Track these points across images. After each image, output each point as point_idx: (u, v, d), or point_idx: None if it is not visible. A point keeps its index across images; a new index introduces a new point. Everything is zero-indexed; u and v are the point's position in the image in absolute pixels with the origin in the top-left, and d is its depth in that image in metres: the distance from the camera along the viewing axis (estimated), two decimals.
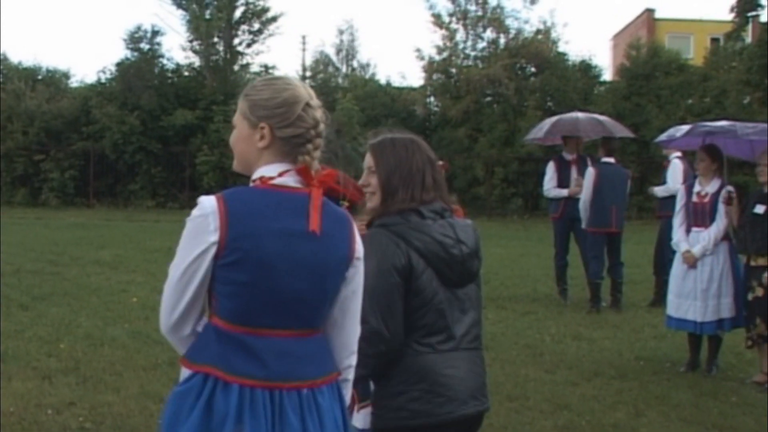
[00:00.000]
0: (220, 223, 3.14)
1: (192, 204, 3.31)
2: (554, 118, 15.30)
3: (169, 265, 3.26)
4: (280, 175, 3.26)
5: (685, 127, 10.34)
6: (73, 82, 41.99)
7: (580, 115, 15.39)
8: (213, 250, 3.15)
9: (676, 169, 13.20)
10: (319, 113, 3.35)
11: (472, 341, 4.04)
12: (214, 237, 3.14)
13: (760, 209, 9.11)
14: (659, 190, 13.55)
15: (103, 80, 39.31)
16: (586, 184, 13.42)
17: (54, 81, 40.54)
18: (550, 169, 14.24)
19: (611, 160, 13.50)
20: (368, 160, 4.11)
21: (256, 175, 3.31)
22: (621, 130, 14.97)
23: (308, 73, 47.97)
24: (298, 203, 3.24)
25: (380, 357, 3.79)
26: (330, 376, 3.37)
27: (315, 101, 3.36)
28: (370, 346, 3.69)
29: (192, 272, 3.19)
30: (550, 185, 14.19)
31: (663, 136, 11.01)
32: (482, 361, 4.14)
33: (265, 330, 3.21)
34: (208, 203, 3.18)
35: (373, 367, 3.83)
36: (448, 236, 3.95)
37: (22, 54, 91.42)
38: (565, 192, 13.92)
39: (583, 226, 13.58)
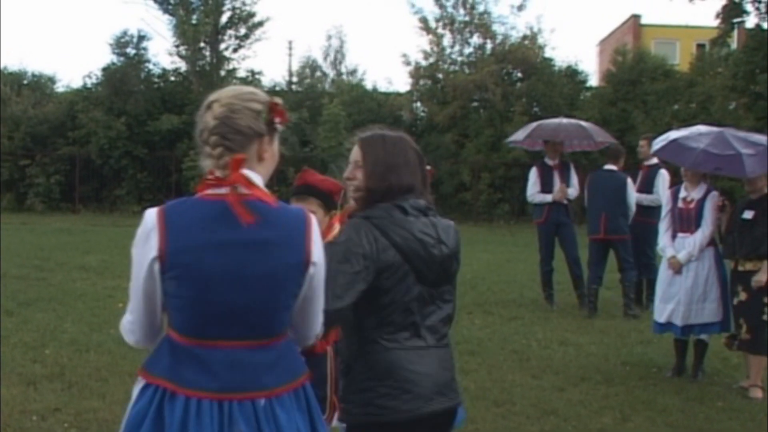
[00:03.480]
0: (159, 237, 3.12)
1: None
2: (537, 122, 15.38)
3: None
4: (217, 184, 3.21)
5: (698, 145, 9.89)
6: (59, 87, 42.01)
7: (563, 120, 15.46)
8: (156, 265, 3.14)
9: (664, 180, 13.28)
10: (209, 115, 3.27)
11: (441, 339, 4.04)
12: (155, 252, 3.13)
13: (748, 215, 9.15)
14: (646, 200, 13.54)
15: (89, 85, 39.20)
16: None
17: (40, 86, 40.47)
18: (533, 175, 14.29)
19: (613, 167, 13.51)
20: (355, 154, 4.08)
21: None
22: (603, 135, 15.09)
23: (294, 79, 47.95)
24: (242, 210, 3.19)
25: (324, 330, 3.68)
26: (294, 383, 3.32)
27: (218, 104, 3.27)
28: (330, 323, 3.70)
29: (143, 286, 3.21)
30: (533, 190, 14.24)
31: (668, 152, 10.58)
32: (451, 358, 4.13)
33: (216, 341, 3.18)
34: (149, 217, 3.17)
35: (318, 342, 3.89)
36: (429, 235, 3.94)
37: (8, 59, 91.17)
38: (549, 197, 13.98)
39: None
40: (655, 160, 13.44)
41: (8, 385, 8.53)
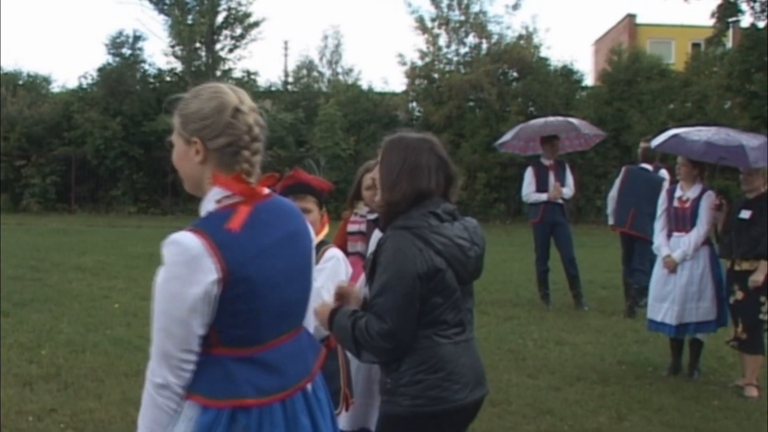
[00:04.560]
0: (217, 258, 2.99)
1: (174, 210, 3.27)
2: (522, 124, 15.45)
3: (154, 329, 3.08)
4: (236, 192, 3.15)
5: (700, 137, 9.89)
6: (55, 88, 41.87)
7: (549, 118, 15.51)
8: (216, 289, 3.00)
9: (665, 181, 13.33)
10: (252, 117, 3.20)
11: (473, 331, 4.31)
12: (215, 275, 2.99)
13: (745, 214, 9.16)
14: None
15: (84, 85, 39.13)
16: (616, 182, 13.84)
17: (35, 86, 40.38)
18: (529, 175, 14.29)
19: (648, 166, 13.50)
20: (379, 156, 4.26)
21: (211, 196, 3.18)
22: (591, 129, 15.17)
23: (290, 79, 47.91)
24: (272, 210, 3.24)
25: (390, 353, 4.00)
26: (319, 360, 3.43)
27: (247, 105, 3.21)
28: (383, 341, 3.94)
29: (192, 317, 3.02)
30: (529, 190, 14.25)
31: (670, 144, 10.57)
32: (478, 349, 4.40)
33: (274, 342, 3.20)
34: (192, 243, 3.00)
35: (384, 359, 4.08)
36: (465, 239, 4.16)
37: (3, 59, 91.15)
38: (544, 196, 13.98)
39: (609, 222, 14.07)
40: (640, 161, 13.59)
41: (4, 386, 8.53)
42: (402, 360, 4.05)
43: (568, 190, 14.21)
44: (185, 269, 2.98)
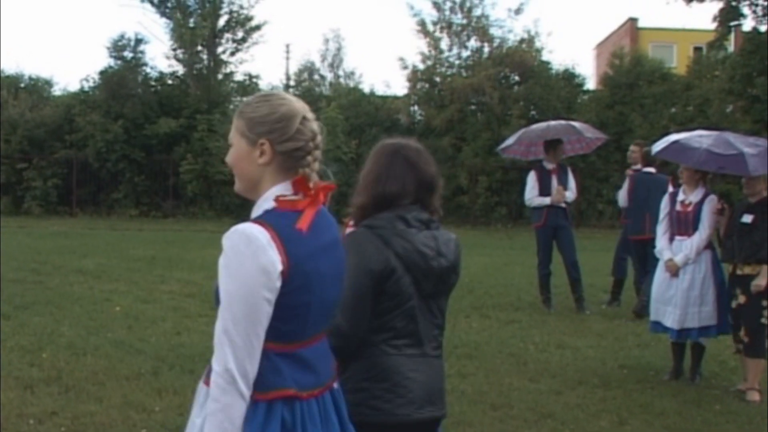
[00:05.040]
0: (279, 251, 3.10)
1: (175, 213, 3.29)
2: (524, 128, 15.45)
3: (223, 311, 3.11)
4: (295, 192, 3.28)
5: (701, 145, 9.86)
6: (56, 90, 41.91)
7: (551, 122, 15.51)
8: (279, 281, 3.10)
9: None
10: (315, 125, 3.36)
11: (436, 348, 4.14)
12: (280, 266, 3.10)
13: (747, 218, 9.15)
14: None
15: (86, 88, 39.16)
16: (622, 192, 13.91)
17: (37, 89, 40.40)
18: (531, 179, 14.28)
19: (651, 169, 13.51)
20: None
21: (270, 195, 3.28)
22: (593, 132, 15.18)
23: (292, 82, 47.94)
24: (322, 215, 3.36)
25: (339, 352, 3.78)
26: (335, 361, 3.55)
27: (310, 114, 3.37)
28: (332, 338, 3.72)
29: (262, 307, 3.10)
30: (532, 194, 14.23)
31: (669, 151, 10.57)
32: (442, 369, 4.24)
33: (312, 339, 3.31)
34: (260, 233, 3.10)
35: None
36: (430, 247, 4.03)
37: (5, 62, 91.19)
38: (547, 200, 13.98)
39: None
40: (641, 166, 13.62)
41: (5, 389, 8.52)
42: (348, 365, 3.95)
43: (571, 194, 14.20)
44: (258, 258, 3.08)
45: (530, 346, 11.30)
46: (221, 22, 40.24)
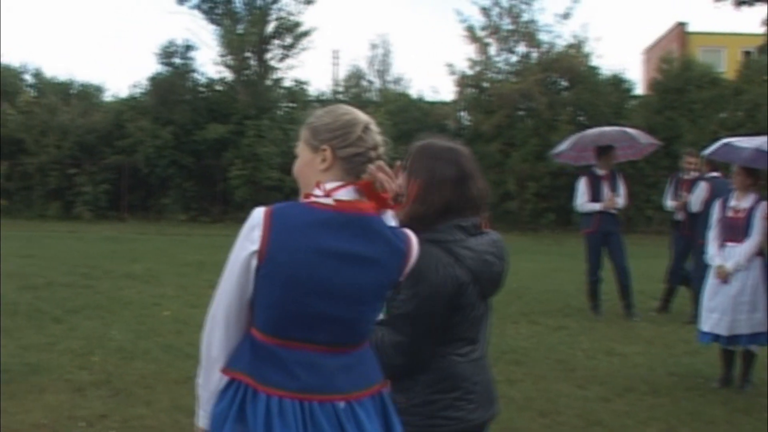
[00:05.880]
0: (263, 233, 3.20)
1: (224, 218, 3.33)
2: (579, 133, 15.33)
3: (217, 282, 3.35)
4: (335, 189, 3.31)
5: (750, 144, 9.87)
6: (107, 97, 42.29)
7: (605, 127, 15.45)
8: (254, 260, 3.22)
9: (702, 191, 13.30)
10: (379, 137, 3.44)
11: (485, 347, 4.12)
12: (255, 246, 3.21)
13: None
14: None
15: (136, 95, 39.51)
16: (694, 198, 13.66)
17: (87, 95, 40.80)
18: (582, 185, 14.23)
19: (717, 174, 13.43)
20: (407, 162, 4.07)
21: (323, 188, 3.34)
22: (646, 138, 15.07)
23: (340, 88, 48.04)
24: (347, 223, 3.28)
25: (402, 369, 3.79)
26: (372, 388, 3.40)
27: (375, 126, 3.45)
28: (396, 355, 3.74)
29: (237, 279, 3.27)
30: (582, 200, 14.18)
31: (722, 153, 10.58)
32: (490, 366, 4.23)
33: (296, 343, 3.26)
34: (257, 214, 3.25)
35: (395, 374, 3.80)
36: (492, 253, 3.98)
37: (57, 68, 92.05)
38: (598, 206, 13.92)
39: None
40: (707, 172, 13.48)
41: (56, 392, 8.61)
42: (415, 378, 3.89)
43: (621, 200, 14.13)
44: (244, 233, 3.26)
45: (579, 352, 11.25)
46: (270, 28, 40.43)
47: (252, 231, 3.23)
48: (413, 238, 3.46)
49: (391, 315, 3.79)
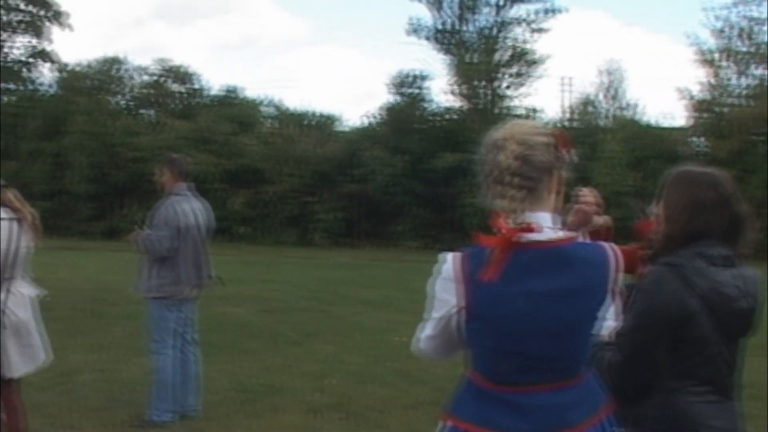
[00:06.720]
0: (464, 289, 3.10)
1: (456, 245, 3.30)
2: None
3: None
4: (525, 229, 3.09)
5: None
6: (341, 126, 43.23)
7: None
8: (462, 315, 3.12)
9: None
10: (502, 155, 3.19)
11: (733, 391, 3.90)
12: (461, 302, 3.10)
13: None
14: None
15: (370, 124, 40.27)
16: None
17: (323, 125, 41.82)
18: None
19: None
20: (662, 190, 3.95)
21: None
22: None
23: (569, 115, 47.63)
24: (542, 259, 3.11)
25: (612, 390, 3.56)
26: (596, 417, 3.27)
27: (505, 143, 3.20)
28: (610, 374, 3.61)
29: (445, 323, 3.21)
30: None
31: None
32: (738, 413, 3.99)
33: (522, 387, 3.15)
34: (451, 265, 3.18)
35: (614, 399, 3.62)
36: (735, 287, 3.74)
37: (295, 100, 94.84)
38: None
39: None
40: None
41: (293, 412, 8.87)
42: (645, 413, 3.75)
43: None
44: (444, 283, 3.19)
45: None
46: (500, 56, 40.54)
47: (449, 285, 3.14)
48: (607, 246, 3.25)
49: (617, 332, 3.70)
